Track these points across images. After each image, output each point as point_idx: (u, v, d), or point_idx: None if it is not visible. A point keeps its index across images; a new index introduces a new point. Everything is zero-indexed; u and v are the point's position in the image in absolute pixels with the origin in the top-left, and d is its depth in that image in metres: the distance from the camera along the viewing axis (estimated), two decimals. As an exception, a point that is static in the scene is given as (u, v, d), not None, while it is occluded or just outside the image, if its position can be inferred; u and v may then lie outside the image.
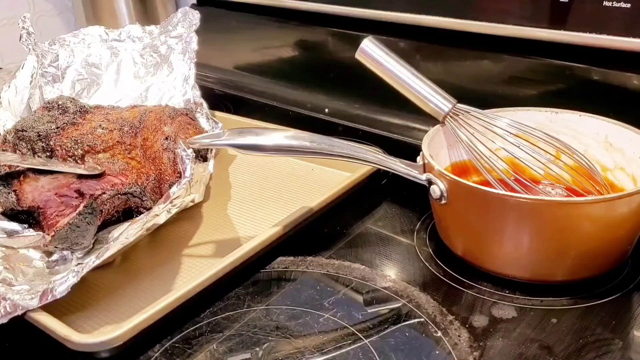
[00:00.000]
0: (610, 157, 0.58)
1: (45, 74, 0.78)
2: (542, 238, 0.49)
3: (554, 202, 0.51)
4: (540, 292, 0.51)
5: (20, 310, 0.47)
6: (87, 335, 0.46)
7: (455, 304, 0.50)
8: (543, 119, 0.60)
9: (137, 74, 0.81)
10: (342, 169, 0.70)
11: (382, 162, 0.57)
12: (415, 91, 0.58)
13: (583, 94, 0.68)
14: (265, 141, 0.55)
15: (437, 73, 0.77)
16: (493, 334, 0.47)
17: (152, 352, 0.47)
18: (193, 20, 0.80)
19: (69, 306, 0.50)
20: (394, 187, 0.68)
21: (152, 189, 0.60)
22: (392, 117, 0.81)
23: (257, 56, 1.02)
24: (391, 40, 0.80)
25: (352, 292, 0.53)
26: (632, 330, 0.47)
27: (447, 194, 0.52)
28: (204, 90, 0.75)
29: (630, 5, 0.60)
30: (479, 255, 0.53)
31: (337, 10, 0.87)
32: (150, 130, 0.63)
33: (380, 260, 0.57)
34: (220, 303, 0.52)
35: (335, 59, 0.91)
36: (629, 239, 0.51)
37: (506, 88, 0.74)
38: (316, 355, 0.46)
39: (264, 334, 0.48)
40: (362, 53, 0.59)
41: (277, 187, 0.70)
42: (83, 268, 0.48)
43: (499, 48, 0.73)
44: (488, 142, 0.58)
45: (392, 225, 0.62)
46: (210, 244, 0.60)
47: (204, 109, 0.72)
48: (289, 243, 0.59)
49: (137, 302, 0.52)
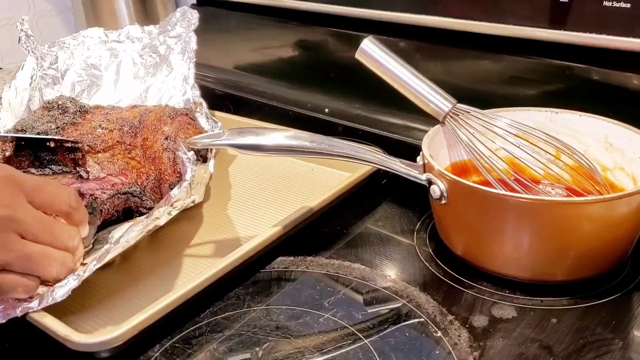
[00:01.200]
0: (610, 157, 0.58)
1: (44, 76, 0.78)
2: (542, 238, 0.49)
3: (554, 202, 0.51)
4: (540, 292, 0.51)
5: (19, 311, 0.47)
6: (87, 335, 0.46)
7: (455, 304, 0.50)
8: (543, 119, 0.60)
9: (136, 75, 0.81)
10: (342, 169, 0.70)
11: (382, 162, 0.57)
12: (415, 91, 0.58)
13: (583, 94, 0.68)
14: (265, 141, 0.55)
15: (437, 73, 0.77)
16: (493, 334, 0.47)
17: (152, 352, 0.47)
18: (192, 19, 0.80)
19: (69, 306, 0.50)
20: (394, 187, 0.68)
21: (152, 189, 0.60)
22: (392, 117, 0.81)
23: (257, 56, 1.02)
24: (391, 40, 0.80)
25: (352, 292, 0.53)
26: (632, 330, 0.47)
27: (447, 194, 0.52)
28: (203, 90, 0.75)
29: (630, 5, 0.60)
30: (479, 255, 0.53)
31: (337, 10, 0.87)
32: (150, 130, 0.63)
33: (380, 260, 0.57)
34: (220, 303, 0.52)
35: (335, 59, 0.91)
36: (629, 239, 0.51)
37: (506, 88, 0.74)
38: (316, 355, 0.46)
39: (264, 334, 0.48)
40: (362, 53, 0.59)
41: (277, 187, 0.70)
42: (84, 272, 0.48)
43: (499, 48, 0.73)
44: (488, 142, 0.58)
45: (392, 225, 0.62)
46: (210, 244, 0.60)
47: (204, 109, 0.72)
48: (289, 243, 0.59)
49: (137, 302, 0.52)
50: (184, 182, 0.55)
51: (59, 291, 0.47)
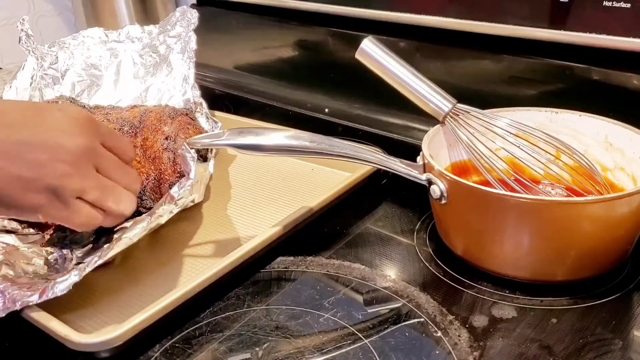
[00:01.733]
0: (610, 157, 0.58)
1: (45, 76, 0.78)
2: (542, 238, 0.49)
3: (554, 202, 0.51)
4: (540, 292, 0.51)
5: (19, 305, 0.46)
6: (87, 335, 0.46)
7: (455, 304, 0.50)
8: (543, 119, 0.60)
9: (136, 74, 0.81)
10: (342, 169, 0.70)
11: (382, 162, 0.57)
12: (415, 91, 0.58)
13: (583, 94, 0.68)
14: (265, 141, 0.55)
15: (437, 73, 0.77)
16: (493, 334, 0.47)
17: (152, 352, 0.47)
18: (191, 19, 0.80)
19: (69, 306, 0.50)
20: (394, 187, 0.68)
21: (152, 189, 0.60)
22: (392, 117, 0.81)
23: (257, 56, 1.02)
24: (391, 40, 0.80)
25: (352, 292, 0.53)
26: (632, 330, 0.47)
27: (447, 194, 0.52)
28: (203, 90, 0.75)
29: (630, 5, 0.60)
30: (479, 255, 0.53)
31: (337, 10, 0.87)
32: (150, 130, 0.63)
33: (380, 260, 0.57)
34: (220, 303, 0.52)
35: (335, 59, 0.91)
36: (629, 239, 0.51)
37: (506, 88, 0.74)
38: (316, 355, 0.46)
39: (264, 334, 0.48)
40: (362, 53, 0.59)
41: (277, 187, 0.70)
42: (86, 267, 0.48)
43: (499, 48, 0.73)
44: (488, 142, 0.58)
45: (392, 225, 0.62)
46: (210, 244, 0.60)
47: (204, 109, 0.72)
48: (289, 243, 0.59)
49: (137, 302, 0.52)
50: (187, 180, 0.55)
51: (59, 285, 0.46)
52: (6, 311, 0.46)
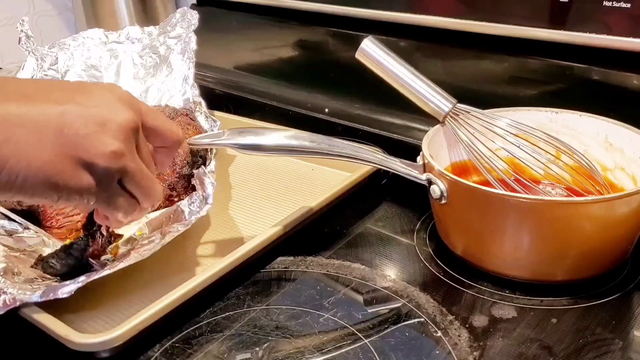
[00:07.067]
0: (610, 157, 0.58)
1: (45, 77, 0.78)
2: (542, 238, 0.49)
3: (554, 202, 0.51)
4: (540, 292, 0.51)
5: (19, 302, 0.46)
6: (87, 335, 0.46)
7: (455, 304, 0.50)
8: (543, 119, 0.60)
9: (136, 75, 0.81)
10: (342, 169, 0.70)
11: (382, 162, 0.57)
12: (415, 91, 0.59)
13: (583, 94, 0.68)
14: (265, 141, 0.55)
15: (437, 73, 0.77)
16: (493, 333, 0.47)
17: (152, 352, 0.47)
18: (192, 20, 0.80)
19: (69, 306, 0.50)
20: (394, 187, 0.68)
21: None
22: (392, 117, 0.81)
23: (257, 56, 1.02)
24: (391, 40, 0.80)
25: (352, 292, 0.53)
26: (632, 330, 0.47)
27: (447, 194, 0.52)
28: (203, 90, 0.75)
29: (630, 5, 0.60)
30: (479, 255, 0.53)
31: (337, 10, 0.87)
32: (150, 131, 0.63)
33: (380, 260, 0.57)
34: (220, 303, 0.52)
35: (335, 59, 0.91)
36: (629, 239, 0.51)
37: (506, 88, 0.74)
38: (316, 355, 0.46)
39: (264, 334, 0.48)
40: (362, 53, 0.59)
41: (277, 187, 0.70)
42: (92, 276, 0.48)
43: (499, 48, 0.73)
44: (488, 142, 0.58)
45: (392, 225, 0.62)
46: (210, 244, 0.60)
47: (203, 108, 0.72)
48: (289, 243, 0.59)
49: (137, 302, 0.52)
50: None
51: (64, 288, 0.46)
52: (6, 308, 0.46)
